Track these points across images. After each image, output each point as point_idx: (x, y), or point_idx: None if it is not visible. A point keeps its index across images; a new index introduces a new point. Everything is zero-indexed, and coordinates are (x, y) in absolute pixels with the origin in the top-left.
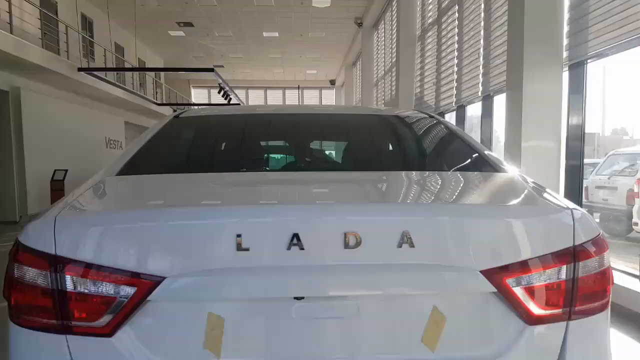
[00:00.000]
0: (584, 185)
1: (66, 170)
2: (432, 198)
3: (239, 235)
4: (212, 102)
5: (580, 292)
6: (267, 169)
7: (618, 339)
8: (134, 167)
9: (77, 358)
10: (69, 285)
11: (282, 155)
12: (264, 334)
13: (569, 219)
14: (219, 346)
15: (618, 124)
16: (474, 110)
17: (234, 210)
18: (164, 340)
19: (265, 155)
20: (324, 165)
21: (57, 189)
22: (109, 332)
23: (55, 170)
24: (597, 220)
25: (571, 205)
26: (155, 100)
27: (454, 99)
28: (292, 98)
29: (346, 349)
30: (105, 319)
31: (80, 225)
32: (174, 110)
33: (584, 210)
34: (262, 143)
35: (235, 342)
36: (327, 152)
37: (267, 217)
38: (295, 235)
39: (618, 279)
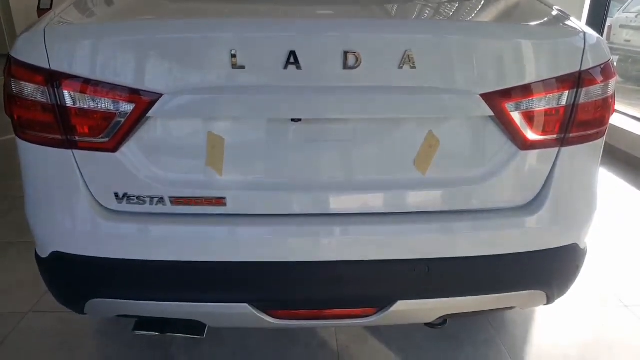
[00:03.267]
0: (608, 24)
1: None
2: (439, 16)
3: (234, 54)
4: None
5: (579, 119)
6: None
7: (613, 181)
8: None
9: (85, 172)
10: (68, 101)
11: None
12: (263, 155)
13: (580, 42)
14: (221, 164)
15: None
16: None
17: (228, 24)
18: (167, 157)
19: None
20: None
21: None
22: (112, 147)
23: None
24: (615, 63)
25: (587, 29)
26: None
27: None
28: None
29: (341, 170)
30: (107, 135)
31: (71, 38)
32: None
33: (598, 34)
34: None
35: (235, 161)
36: None
37: (262, 32)
38: (292, 53)
39: (625, 123)
